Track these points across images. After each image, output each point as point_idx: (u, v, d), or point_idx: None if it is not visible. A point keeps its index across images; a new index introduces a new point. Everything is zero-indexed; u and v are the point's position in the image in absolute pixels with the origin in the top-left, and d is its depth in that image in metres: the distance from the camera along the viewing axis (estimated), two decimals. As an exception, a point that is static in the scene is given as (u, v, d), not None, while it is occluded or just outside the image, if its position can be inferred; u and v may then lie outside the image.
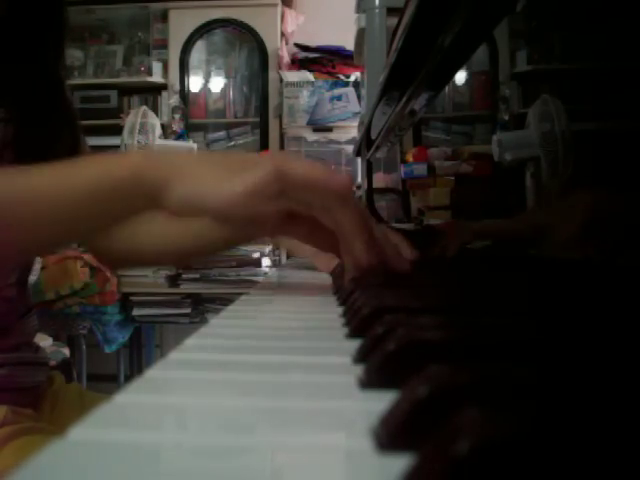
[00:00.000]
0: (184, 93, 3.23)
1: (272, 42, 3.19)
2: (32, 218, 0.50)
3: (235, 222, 0.48)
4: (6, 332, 0.69)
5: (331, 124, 3.12)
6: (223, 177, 0.46)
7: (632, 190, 0.45)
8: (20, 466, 0.16)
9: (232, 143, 3.30)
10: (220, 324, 0.41)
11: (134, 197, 0.49)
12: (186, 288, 2.67)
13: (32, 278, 1.11)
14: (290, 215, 0.49)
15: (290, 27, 3.28)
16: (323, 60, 3.23)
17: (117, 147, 2.72)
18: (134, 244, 0.75)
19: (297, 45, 3.29)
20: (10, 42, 0.70)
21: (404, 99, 0.85)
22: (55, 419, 0.73)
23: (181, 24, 3.21)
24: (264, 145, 3.18)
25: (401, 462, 0.16)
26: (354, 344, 0.31)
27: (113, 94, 3.28)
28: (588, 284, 0.45)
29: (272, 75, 3.19)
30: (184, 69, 3.24)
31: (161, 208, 0.48)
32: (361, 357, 0.28)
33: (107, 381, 2.83)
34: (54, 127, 0.73)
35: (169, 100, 3.22)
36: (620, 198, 0.47)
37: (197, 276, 2.64)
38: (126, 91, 3.33)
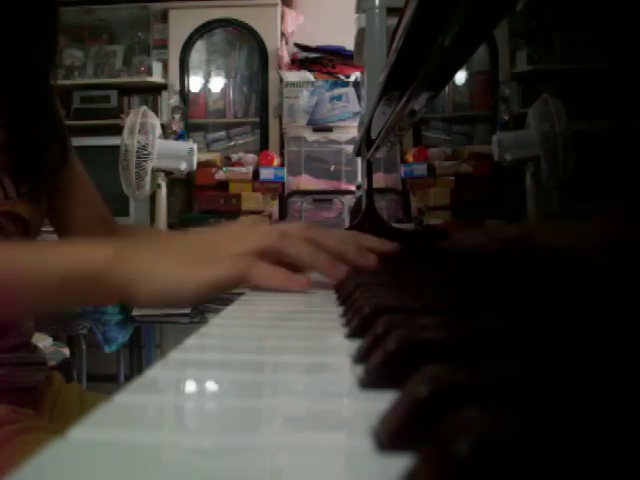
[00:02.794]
0: (184, 93, 3.23)
1: (272, 42, 3.19)
2: (5, 295, 0.55)
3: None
4: (4, 333, 0.69)
5: (331, 124, 3.12)
6: (187, 271, 0.51)
7: (632, 190, 0.45)
8: (20, 466, 0.16)
9: (232, 143, 3.30)
10: (220, 324, 0.41)
11: (99, 293, 0.54)
12: (186, 288, 2.67)
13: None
14: None
15: (290, 27, 3.28)
16: (323, 60, 3.23)
17: (117, 147, 2.71)
18: None
19: (297, 45, 3.29)
20: (1, 46, 0.69)
21: (404, 99, 0.85)
22: (55, 419, 0.73)
23: (181, 24, 3.21)
24: (264, 145, 3.18)
25: (401, 462, 0.16)
26: (354, 344, 0.31)
27: (113, 94, 3.29)
28: (588, 284, 0.45)
29: (272, 75, 3.19)
30: (184, 69, 3.24)
31: (128, 301, 0.53)
32: (361, 357, 0.28)
33: (107, 381, 2.82)
34: (45, 132, 0.73)
35: (169, 100, 3.22)
36: (619, 200, 0.47)
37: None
38: (126, 91, 3.33)
